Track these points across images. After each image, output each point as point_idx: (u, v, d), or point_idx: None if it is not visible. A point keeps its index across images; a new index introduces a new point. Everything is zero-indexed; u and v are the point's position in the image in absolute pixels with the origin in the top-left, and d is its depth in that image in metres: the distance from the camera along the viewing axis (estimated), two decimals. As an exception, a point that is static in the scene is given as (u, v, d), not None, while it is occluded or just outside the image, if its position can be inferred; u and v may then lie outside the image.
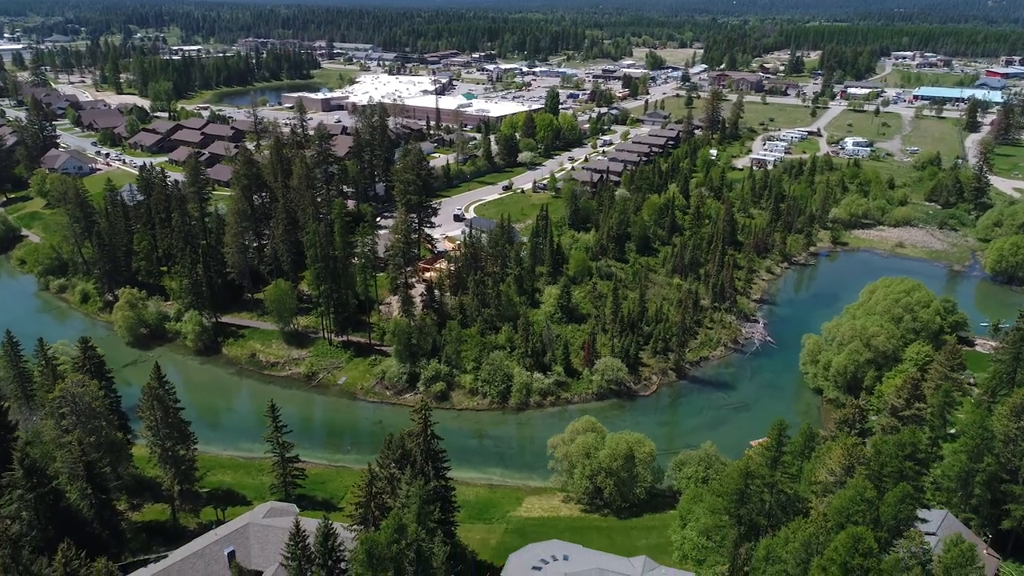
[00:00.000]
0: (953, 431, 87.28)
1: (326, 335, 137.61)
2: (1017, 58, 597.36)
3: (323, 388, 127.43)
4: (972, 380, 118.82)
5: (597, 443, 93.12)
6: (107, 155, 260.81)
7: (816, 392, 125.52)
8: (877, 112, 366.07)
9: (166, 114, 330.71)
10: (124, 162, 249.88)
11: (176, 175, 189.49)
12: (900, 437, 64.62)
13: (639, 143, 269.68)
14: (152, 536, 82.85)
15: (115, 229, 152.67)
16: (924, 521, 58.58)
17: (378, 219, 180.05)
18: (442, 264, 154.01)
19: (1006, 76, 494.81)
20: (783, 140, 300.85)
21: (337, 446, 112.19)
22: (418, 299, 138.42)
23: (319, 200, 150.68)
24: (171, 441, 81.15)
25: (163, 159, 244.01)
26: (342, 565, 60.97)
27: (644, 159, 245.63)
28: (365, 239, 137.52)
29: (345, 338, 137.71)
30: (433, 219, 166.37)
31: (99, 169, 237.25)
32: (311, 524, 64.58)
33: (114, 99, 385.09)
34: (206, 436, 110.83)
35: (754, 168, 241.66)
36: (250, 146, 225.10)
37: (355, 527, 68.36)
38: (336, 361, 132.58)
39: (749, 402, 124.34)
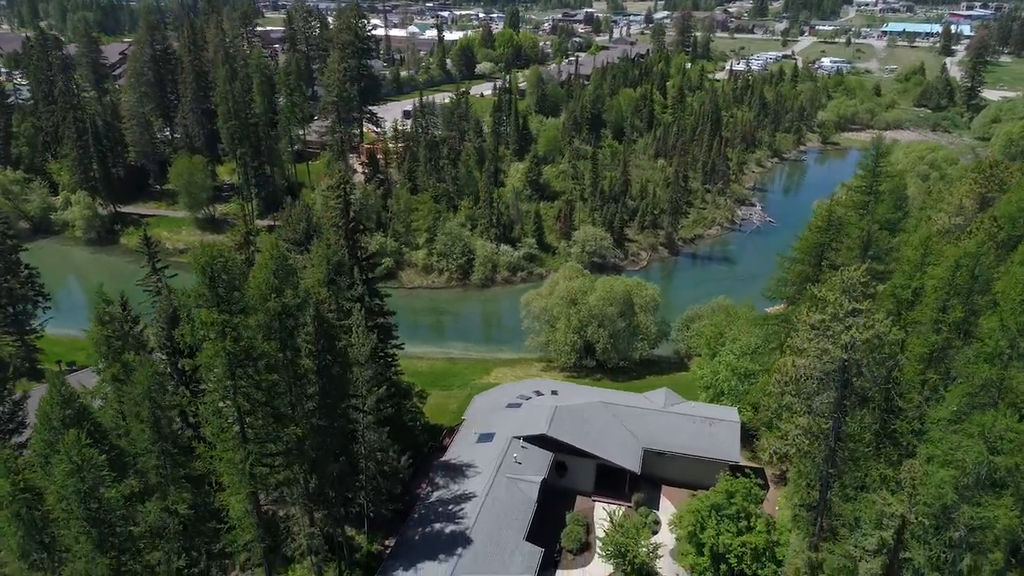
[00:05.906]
0: None
1: (248, 218, 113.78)
2: (978, 3, 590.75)
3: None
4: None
5: (585, 287, 72.23)
6: (9, 73, 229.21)
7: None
8: (848, 43, 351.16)
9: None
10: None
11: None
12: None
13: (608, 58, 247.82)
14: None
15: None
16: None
17: (315, 118, 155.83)
18: (389, 143, 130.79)
19: (969, 18, 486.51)
20: (758, 60, 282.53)
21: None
22: (360, 172, 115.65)
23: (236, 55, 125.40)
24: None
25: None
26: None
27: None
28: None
29: (272, 222, 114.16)
30: (375, 96, 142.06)
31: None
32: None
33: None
34: (85, 320, 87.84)
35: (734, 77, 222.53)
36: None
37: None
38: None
39: (756, 274, 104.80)
